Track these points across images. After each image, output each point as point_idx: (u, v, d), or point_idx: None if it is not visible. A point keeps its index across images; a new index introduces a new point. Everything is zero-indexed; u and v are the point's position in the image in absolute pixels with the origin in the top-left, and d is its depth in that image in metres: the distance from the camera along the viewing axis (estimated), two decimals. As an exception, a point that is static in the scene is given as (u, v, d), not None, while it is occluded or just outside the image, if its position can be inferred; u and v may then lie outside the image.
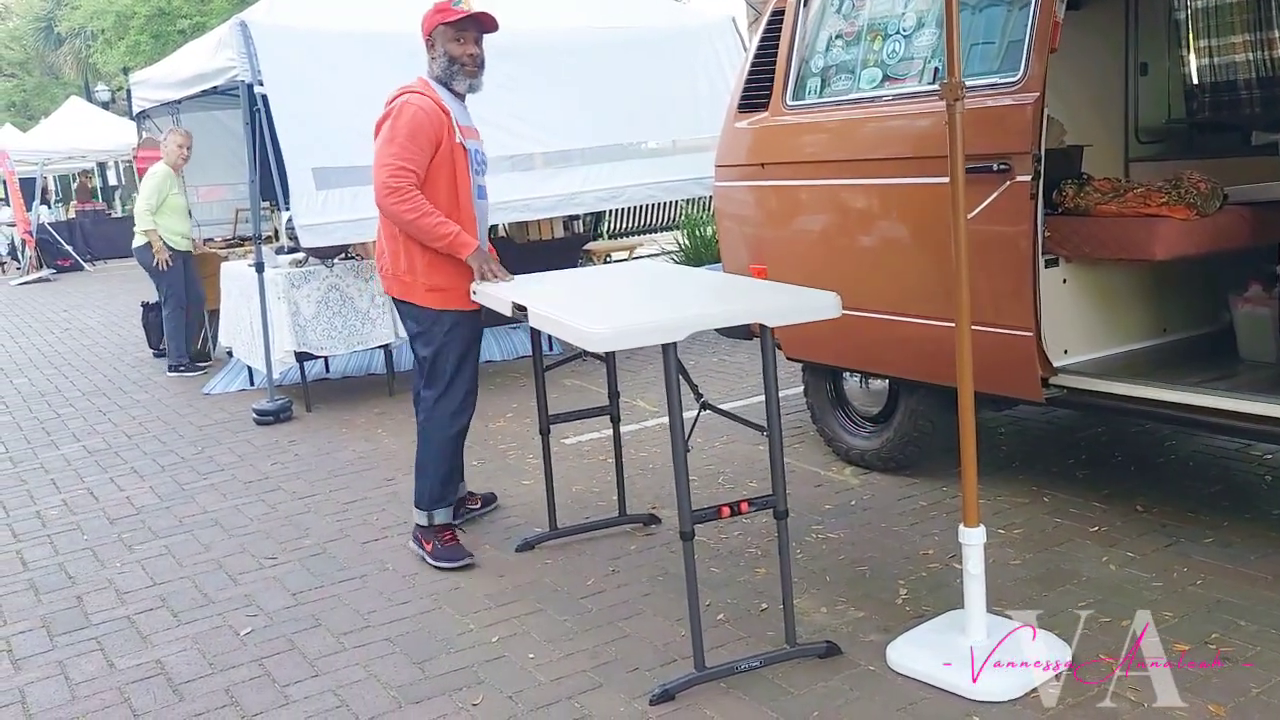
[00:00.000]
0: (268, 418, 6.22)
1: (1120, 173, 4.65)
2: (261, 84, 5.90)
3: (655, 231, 10.67)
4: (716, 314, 2.70)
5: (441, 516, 3.92)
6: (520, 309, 3.17)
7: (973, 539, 2.85)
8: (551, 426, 4.01)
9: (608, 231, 9.20)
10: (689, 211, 10.56)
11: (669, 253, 10.17)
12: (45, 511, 4.95)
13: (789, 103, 4.51)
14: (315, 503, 4.76)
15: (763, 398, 2.91)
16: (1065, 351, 3.82)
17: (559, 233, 7.06)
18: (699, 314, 2.68)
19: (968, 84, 3.75)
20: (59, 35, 25.89)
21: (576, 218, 7.51)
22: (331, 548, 4.19)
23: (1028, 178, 3.55)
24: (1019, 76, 3.58)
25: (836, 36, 4.38)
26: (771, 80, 4.70)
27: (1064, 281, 3.82)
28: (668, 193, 7.19)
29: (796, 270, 4.26)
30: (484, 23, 3.80)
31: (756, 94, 4.77)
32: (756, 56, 4.81)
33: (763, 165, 4.64)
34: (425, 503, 3.90)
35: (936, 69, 3.92)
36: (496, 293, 3.44)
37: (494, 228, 7.21)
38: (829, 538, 3.86)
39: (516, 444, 5.41)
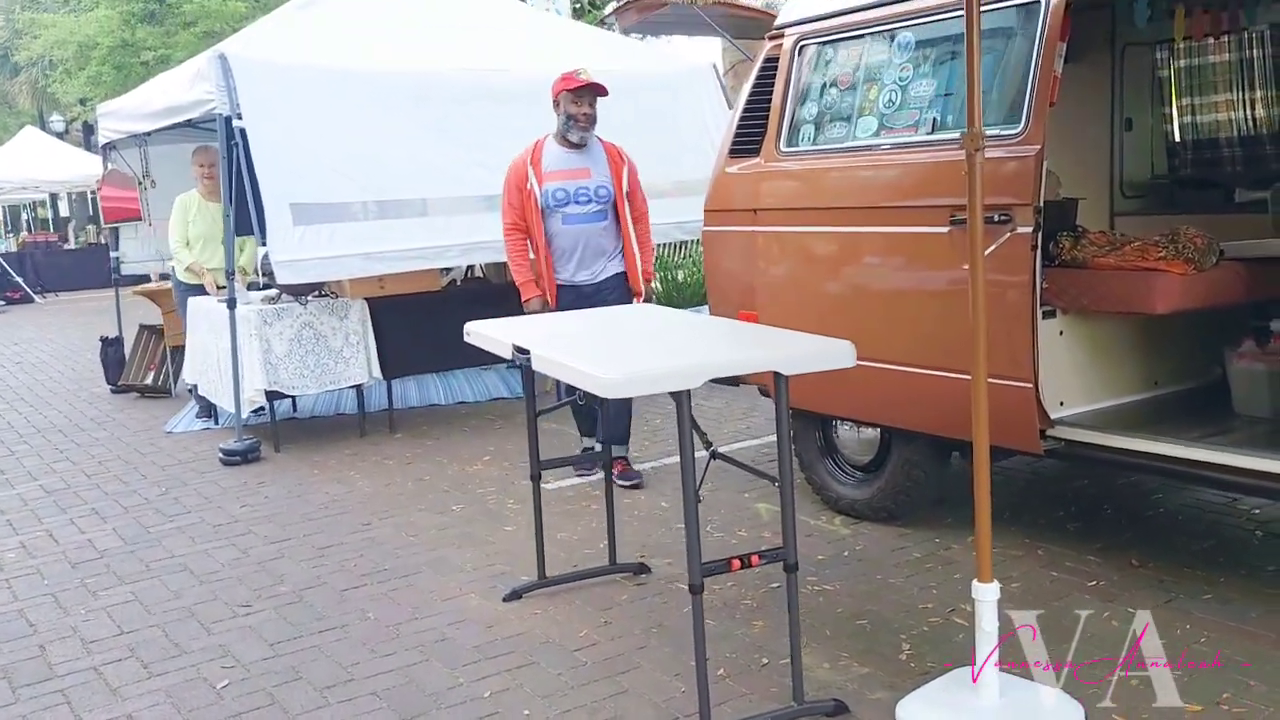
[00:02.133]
0: (235, 458, 6.05)
1: (1106, 226, 4.69)
2: (240, 117, 5.79)
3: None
4: (731, 361, 2.64)
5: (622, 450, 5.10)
6: (521, 351, 3.09)
7: (986, 595, 2.79)
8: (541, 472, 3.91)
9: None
10: (661, 255, 10.54)
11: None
12: (2, 555, 4.74)
13: (782, 149, 4.50)
14: (289, 548, 4.61)
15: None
16: (1061, 403, 3.81)
17: (537, 274, 7.01)
18: (714, 361, 2.61)
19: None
20: (15, 64, 25.52)
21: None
22: (309, 595, 4.04)
23: (1029, 229, 3.56)
24: (1020, 129, 3.59)
25: (831, 85, 4.39)
26: (764, 126, 4.70)
27: (1060, 333, 3.82)
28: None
29: (789, 317, 4.21)
30: (597, 89, 5.00)
31: (748, 140, 4.76)
32: (749, 102, 4.81)
33: (755, 211, 4.62)
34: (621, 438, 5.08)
35: (935, 119, 3.93)
36: (495, 334, 3.36)
37: (470, 268, 7.15)
38: (825, 590, 3.79)
39: (495, 488, 5.30)
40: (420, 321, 6.56)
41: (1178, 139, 5.07)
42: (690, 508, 2.68)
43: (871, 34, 4.21)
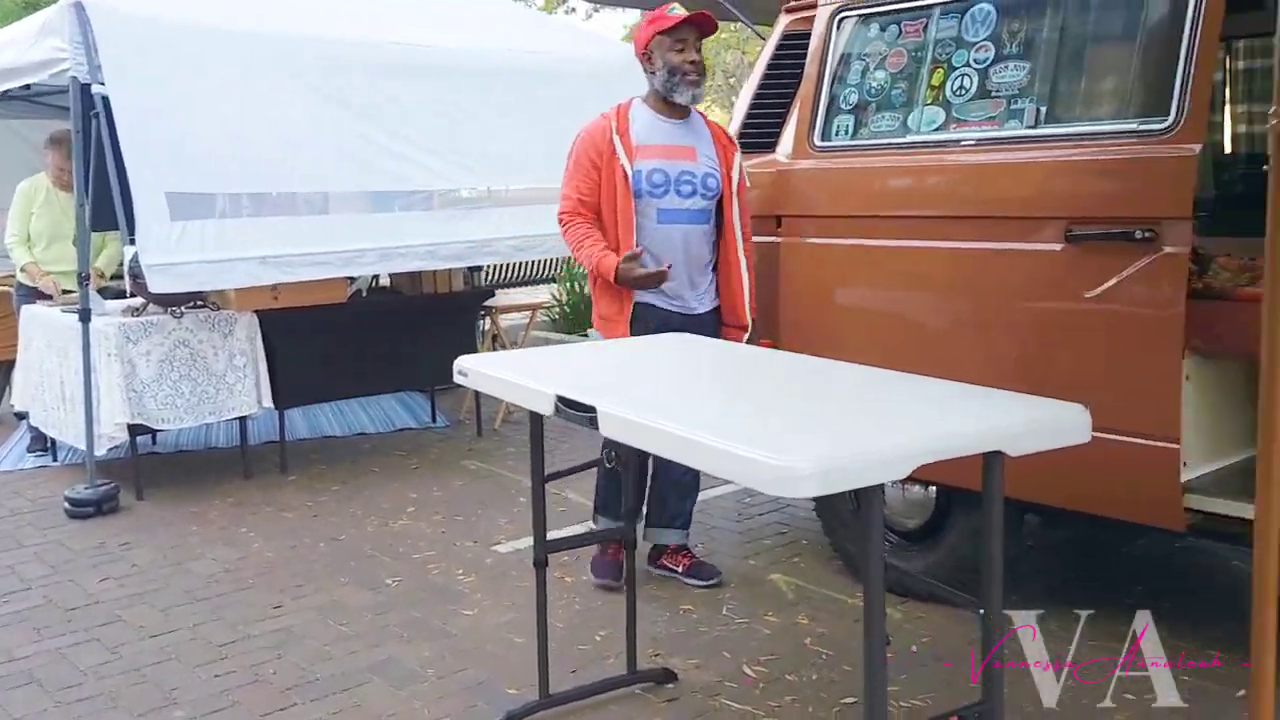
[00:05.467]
0: (86, 509, 4.82)
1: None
2: (102, 83, 4.59)
3: (531, 284, 9.63)
4: (942, 436, 1.78)
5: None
6: (576, 407, 2.14)
7: (1257, 760, 2.01)
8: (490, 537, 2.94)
9: (481, 282, 8.12)
10: (570, 264, 9.61)
11: (543, 307, 9.17)
12: None
13: (818, 144, 3.68)
14: (176, 645, 3.49)
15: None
16: (1185, 464, 3.11)
17: (458, 285, 5.97)
18: (923, 437, 1.75)
19: (1093, 129, 3.05)
20: None
21: (479, 269, 6.42)
22: (216, 722, 2.97)
23: (1181, 249, 2.84)
24: (1170, 121, 2.86)
25: (878, 67, 3.59)
26: (783, 116, 3.88)
27: (1187, 378, 3.11)
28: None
29: (828, 351, 3.38)
30: (702, 25, 3.62)
31: (762, 132, 3.93)
32: (763, 87, 3.98)
33: (778, 219, 3.78)
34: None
35: (1039, 109, 3.17)
36: (517, 377, 2.39)
37: (375, 278, 6.06)
38: (912, 706, 2.96)
39: (435, 553, 4.27)
40: (322, 340, 5.44)
41: (1229, 151, 4.51)
42: (876, 655, 1.79)
43: (941, 5, 3.43)
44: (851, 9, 3.66)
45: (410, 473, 5.42)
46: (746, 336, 3.70)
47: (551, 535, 3.12)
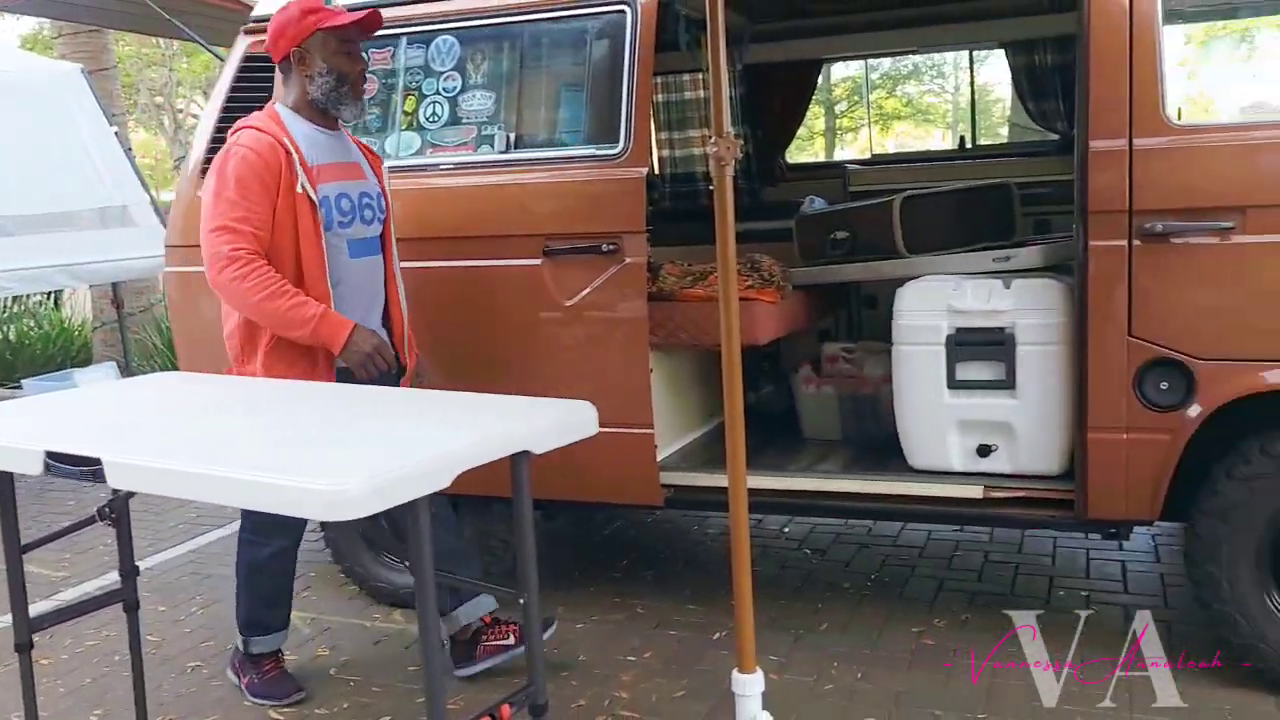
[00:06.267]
0: None
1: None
2: None
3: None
4: (478, 443, 1.86)
5: (260, 646, 3.16)
6: (79, 461, 1.93)
7: (750, 688, 2.36)
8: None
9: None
10: (26, 304, 8.40)
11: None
12: None
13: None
14: None
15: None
16: (658, 446, 3.54)
17: None
18: (461, 444, 1.82)
19: (558, 155, 3.35)
20: None
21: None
22: None
23: (639, 259, 3.23)
24: (621, 148, 3.24)
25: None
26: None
27: (652, 370, 3.54)
28: (25, 283, 5.49)
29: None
30: (373, 28, 3.01)
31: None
32: (227, 111, 3.82)
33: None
34: (241, 625, 3.17)
35: (509, 136, 3.41)
36: (11, 441, 2.09)
37: None
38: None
39: None
40: None
41: (657, 172, 5.16)
42: (434, 667, 1.85)
43: (408, 34, 3.55)
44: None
45: None
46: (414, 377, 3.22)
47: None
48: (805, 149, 18.79)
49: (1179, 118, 2.75)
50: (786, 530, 4.39)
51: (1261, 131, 2.71)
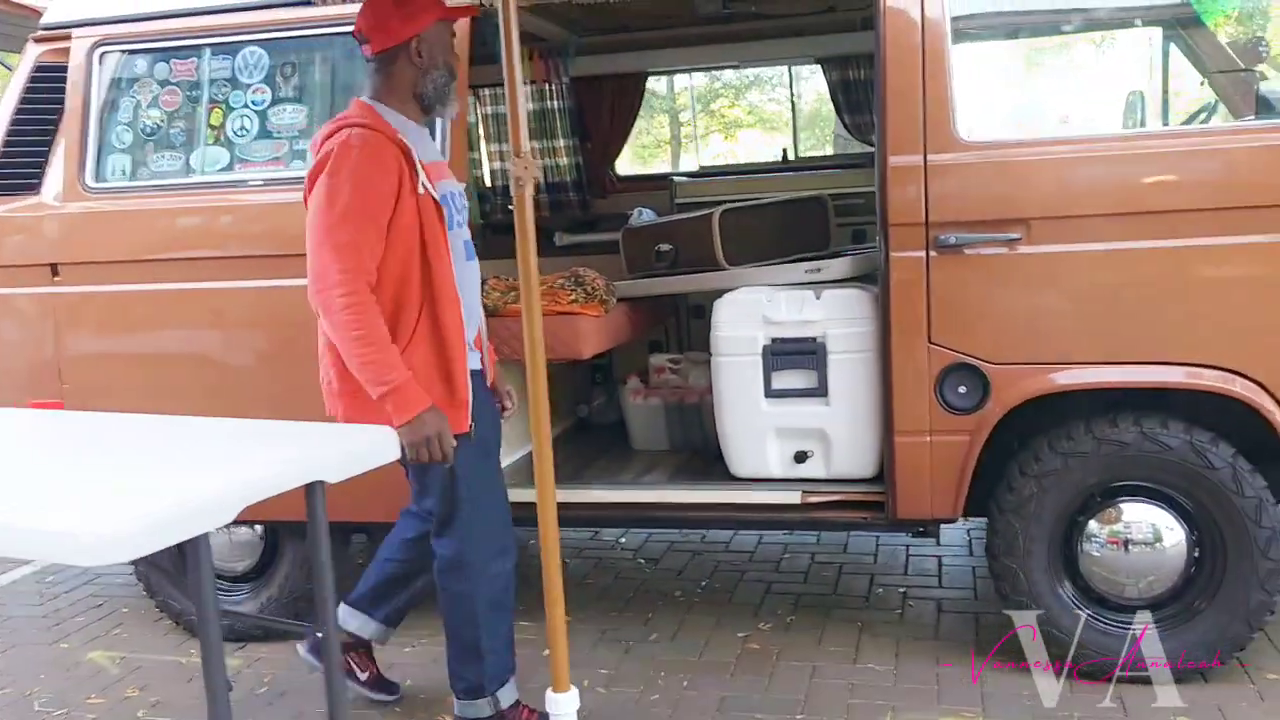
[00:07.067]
0: None
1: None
2: None
3: None
4: (267, 474, 1.79)
5: (510, 693, 2.79)
6: None
7: (565, 706, 2.36)
8: None
9: None
10: None
11: None
12: None
13: (91, 185, 3.45)
14: None
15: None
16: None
17: None
18: (246, 478, 1.74)
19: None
20: None
21: None
22: None
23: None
24: (436, 164, 3.19)
25: (152, 105, 3.48)
26: (46, 154, 3.58)
27: (477, 387, 3.50)
28: None
29: (121, 401, 3.18)
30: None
31: (21, 173, 3.58)
32: (16, 123, 3.62)
33: (55, 267, 3.47)
34: (488, 681, 2.75)
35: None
36: None
37: None
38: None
39: None
40: None
41: (488, 184, 5.12)
42: (221, 705, 1.77)
43: (211, 45, 3.43)
44: (112, 43, 3.48)
45: None
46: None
47: None
48: (654, 158, 19.05)
49: (969, 135, 2.88)
50: (623, 541, 4.42)
51: (1043, 147, 2.87)
